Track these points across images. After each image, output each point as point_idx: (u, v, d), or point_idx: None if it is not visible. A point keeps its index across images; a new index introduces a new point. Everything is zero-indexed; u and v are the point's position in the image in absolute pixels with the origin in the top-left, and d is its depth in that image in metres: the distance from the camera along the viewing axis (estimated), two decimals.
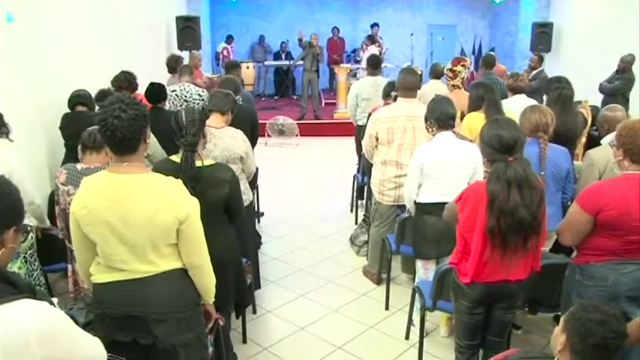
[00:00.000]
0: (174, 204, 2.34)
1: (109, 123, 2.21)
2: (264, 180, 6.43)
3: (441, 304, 3.58)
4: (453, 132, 3.97)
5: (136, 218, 2.29)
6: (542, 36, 11.84)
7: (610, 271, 2.85)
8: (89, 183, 2.39)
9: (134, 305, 2.39)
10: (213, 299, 2.72)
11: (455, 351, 3.24)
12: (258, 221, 6.44)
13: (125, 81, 5.14)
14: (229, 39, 14.63)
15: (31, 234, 3.78)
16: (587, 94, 8.52)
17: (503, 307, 3.01)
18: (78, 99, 4.89)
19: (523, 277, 2.89)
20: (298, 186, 8.37)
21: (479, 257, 2.77)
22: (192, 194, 2.47)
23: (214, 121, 3.93)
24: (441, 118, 3.82)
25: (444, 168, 3.81)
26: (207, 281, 2.59)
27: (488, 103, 4.70)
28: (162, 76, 7.31)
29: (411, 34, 15.14)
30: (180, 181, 2.45)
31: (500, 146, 2.72)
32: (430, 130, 3.94)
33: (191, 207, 2.39)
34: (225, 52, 14.12)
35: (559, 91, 4.46)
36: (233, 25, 15.97)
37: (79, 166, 3.39)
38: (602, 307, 1.95)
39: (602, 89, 8.52)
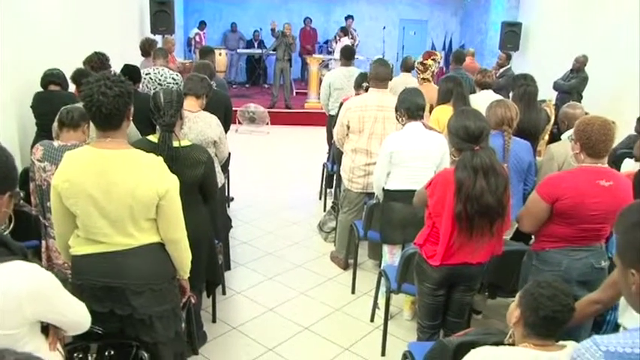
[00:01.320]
0: (155, 180, 2.43)
1: (95, 99, 2.28)
2: (235, 166, 6.50)
3: (405, 287, 3.73)
4: (422, 123, 4.12)
5: (118, 192, 2.37)
6: (511, 35, 12.08)
7: (564, 257, 3.02)
8: (72, 157, 2.45)
9: (113, 277, 2.47)
10: (188, 275, 2.81)
11: (417, 331, 3.40)
12: (228, 206, 6.51)
13: (98, 61, 5.12)
14: (202, 25, 14.58)
15: None
16: (552, 92, 8.85)
17: (463, 289, 3.18)
18: (51, 78, 4.88)
19: (484, 260, 3.05)
20: (268, 173, 8.46)
21: (447, 241, 2.92)
22: None
23: (189, 104, 3.98)
24: (411, 108, 3.96)
25: (412, 156, 3.95)
26: (183, 256, 2.68)
27: (456, 96, 4.86)
28: (135, 60, 7.28)
29: (384, 28, 15.30)
30: (161, 158, 2.54)
31: (467, 136, 2.87)
32: (400, 119, 4.07)
33: (171, 183, 2.48)
34: (197, 38, 14.07)
35: (524, 88, 4.64)
36: (206, 11, 15.91)
37: (55, 143, 3.44)
38: (554, 284, 2.11)
39: (557, 87, 8.87)
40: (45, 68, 4.95)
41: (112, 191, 2.37)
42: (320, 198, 7.10)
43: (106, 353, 2.54)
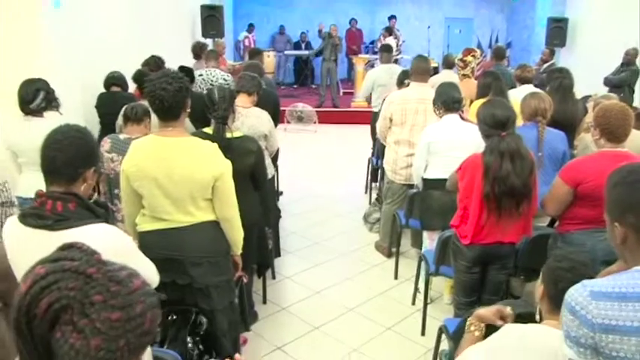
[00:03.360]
0: (211, 163, 2.75)
1: (157, 94, 2.61)
2: (284, 163, 6.81)
3: (443, 270, 3.95)
4: (459, 115, 4.34)
5: (179, 175, 2.69)
6: (558, 31, 12.06)
7: (588, 237, 3.19)
8: (138, 145, 2.80)
9: (174, 250, 2.80)
10: (241, 251, 3.12)
11: (454, 307, 3.63)
12: (278, 199, 6.81)
13: (154, 64, 5.52)
14: (251, 27, 15.03)
15: None
16: (600, 87, 8.86)
17: (497, 267, 3.39)
18: (113, 80, 5.30)
19: (515, 240, 3.27)
20: (315, 169, 8.76)
21: (477, 220, 3.16)
22: None
23: (242, 101, 4.29)
24: (447, 101, 4.20)
25: (449, 147, 4.17)
26: (236, 233, 2.99)
27: (495, 91, 5.03)
28: (188, 62, 7.67)
29: (428, 27, 15.42)
30: (216, 145, 2.85)
31: (494, 123, 3.10)
32: (438, 112, 4.31)
33: (225, 167, 2.80)
34: (246, 42, 14.51)
35: (559, 81, 4.79)
36: (255, 15, 16.32)
37: (121, 136, 3.82)
38: (571, 256, 2.25)
39: (607, 82, 8.84)
40: (107, 71, 5.36)
41: (174, 174, 2.69)
42: (365, 192, 7.35)
43: (169, 318, 2.87)
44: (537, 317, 2.29)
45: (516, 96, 5.21)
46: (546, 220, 4.16)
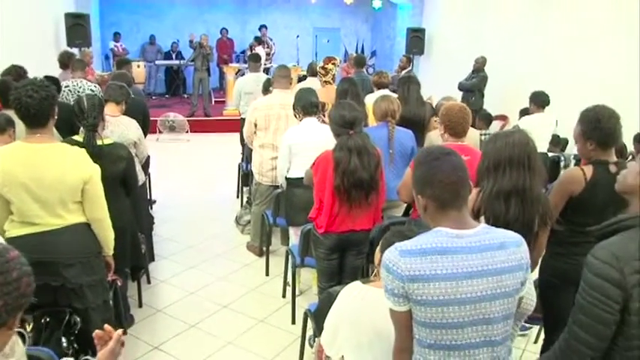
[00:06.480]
0: (80, 167, 2.91)
1: (24, 101, 2.74)
2: (157, 172, 6.92)
3: (307, 261, 4.28)
4: (320, 117, 4.71)
5: (48, 179, 2.82)
6: (416, 40, 12.92)
7: None
8: (4, 152, 2.89)
9: (45, 253, 2.90)
10: (112, 251, 3.27)
11: (317, 294, 3.96)
12: (151, 208, 6.89)
13: (15, 74, 5.41)
14: (117, 36, 14.76)
15: None
16: (455, 92, 9.67)
17: (353, 253, 3.78)
18: None
19: (367, 227, 3.65)
20: (189, 177, 8.87)
21: (330, 211, 3.52)
22: None
23: (110, 110, 4.42)
24: (305, 106, 4.56)
25: (308, 147, 4.48)
26: (106, 234, 3.15)
27: (351, 95, 5.45)
28: (54, 72, 7.53)
29: (297, 36, 15.90)
30: (84, 149, 3.01)
31: (343, 122, 3.48)
32: (297, 116, 4.65)
33: (93, 170, 2.97)
34: (116, 50, 14.27)
35: (407, 85, 5.32)
36: (123, 24, 16.01)
37: None
38: (401, 229, 2.64)
39: (461, 87, 9.70)
40: None
41: (44, 178, 2.82)
42: (237, 196, 7.60)
43: (42, 321, 2.98)
44: (373, 278, 2.66)
45: (373, 100, 5.70)
46: (401, 211, 4.61)
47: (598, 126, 2.91)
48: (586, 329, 1.84)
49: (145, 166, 5.43)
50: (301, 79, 10.14)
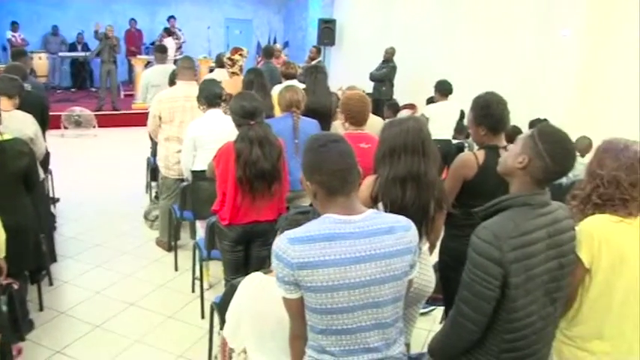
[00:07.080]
0: None
1: None
2: (61, 169, 6.63)
3: (214, 254, 4.23)
4: (223, 110, 4.64)
5: None
6: (327, 31, 13.03)
7: None
8: None
9: None
10: (4, 254, 3.10)
11: (224, 287, 3.91)
12: (54, 207, 6.62)
13: None
14: (15, 26, 13.92)
15: None
16: (366, 82, 9.81)
17: (258, 244, 3.76)
18: None
19: (271, 217, 3.63)
20: (96, 173, 8.55)
21: (233, 203, 3.48)
22: None
23: (2, 104, 4.20)
24: (209, 97, 4.49)
25: (212, 139, 4.40)
26: None
27: (257, 86, 5.40)
28: None
29: (208, 27, 15.66)
30: None
31: (244, 113, 3.44)
32: (202, 107, 4.57)
33: None
34: (14, 40, 13.53)
35: (314, 75, 5.32)
36: (21, 13, 14.97)
37: None
38: (294, 217, 2.65)
39: (372, 77, 9.85)
40: None
41: None
42: (146, 191, 7.40)
43: None
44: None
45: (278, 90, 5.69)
46: (307, 201, 4.62)
47: (488, 112, 3.03)
48: (470, 305, 1.93)
49: (44, 163, 5.21)
50: (212, 70, 9.98)
